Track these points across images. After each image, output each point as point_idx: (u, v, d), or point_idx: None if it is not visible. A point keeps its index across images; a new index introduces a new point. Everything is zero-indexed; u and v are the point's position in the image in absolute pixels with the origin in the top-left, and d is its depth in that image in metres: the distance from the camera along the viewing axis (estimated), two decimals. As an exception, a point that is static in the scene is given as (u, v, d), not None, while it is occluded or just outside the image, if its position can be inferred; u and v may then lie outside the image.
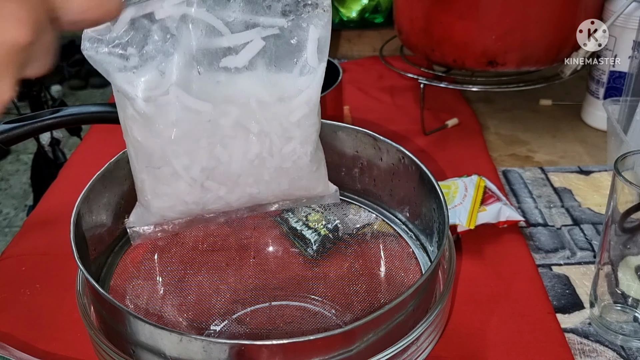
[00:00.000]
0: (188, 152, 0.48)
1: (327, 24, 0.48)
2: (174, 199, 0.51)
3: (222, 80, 0.47)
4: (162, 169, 0.49)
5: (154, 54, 0.46)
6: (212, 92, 0.47)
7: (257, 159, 0.50)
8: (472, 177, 0.77)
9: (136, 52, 0.45)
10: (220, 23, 0.46)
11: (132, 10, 0.44)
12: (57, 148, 1.43)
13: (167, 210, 0.52)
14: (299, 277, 0.65)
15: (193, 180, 0.49)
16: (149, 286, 0.59)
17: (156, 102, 0.46)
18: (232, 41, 0.47)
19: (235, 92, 0.48)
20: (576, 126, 1.01)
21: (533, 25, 0.88)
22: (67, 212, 0.49)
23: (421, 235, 0.59)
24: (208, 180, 0.50)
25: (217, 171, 0.49)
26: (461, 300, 0.65)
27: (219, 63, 0.47)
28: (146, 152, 0.49)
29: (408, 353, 0.45)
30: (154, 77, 0.46)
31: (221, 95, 0.47)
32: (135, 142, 0.48)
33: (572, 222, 0.77)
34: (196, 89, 0.47)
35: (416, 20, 0.95)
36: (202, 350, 0.40)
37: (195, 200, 0.51)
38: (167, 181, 0.49)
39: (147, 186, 0.50)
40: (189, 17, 0.45)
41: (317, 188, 0.55)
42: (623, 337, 0.60)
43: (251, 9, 0.47)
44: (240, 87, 0.48)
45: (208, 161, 0.49)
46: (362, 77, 1.20)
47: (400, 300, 0.42)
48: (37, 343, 0.61)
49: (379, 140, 0.59)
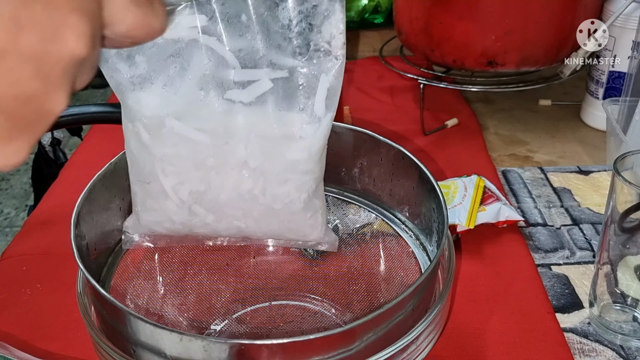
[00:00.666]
0: (178, 172, 0.48)
1: (339, 74, 0.46)
2: (161, 215, 0.51)
3: (225, 110, 0.46)
4: (152, 184, 0.49)
5: (161, 70, 0.45)
6: (213, 120, 0.46)
7: (248, 194, 0.49)
8: (471, 177, 0.77)
9: (145, 62, 0.45)
10: (231, 55, 0.45)
11: None
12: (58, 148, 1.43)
13: (154, 225, 0.52)
14: (299, 277, 0.65)
15: (181, 202, 0.49)
16: (150, 286, 0.59)
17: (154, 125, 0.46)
18: (240, 76, 0.45)
19: (236, 125, 0.46)
20: (575, 126, 1.01)
21: (532, 26, 0.88)
22: (68, 212, 0.49)
23: (421, 235, 0.59)
24: (195, 204, 0.49)
25: (206, 197, 0.49)
26: (461, 299, 0.65)
27: (224, 94, 0.46)
28: (138, 166, 0.49)
29: (407, 352, 0.46)
30: (157, 99, 0.45)
31: (222, 126, 0.46)
32: (130, 154, 0.49)
33: (572, 222, 0.78)
34: (197, 114, 0.46)
35: (416, 20, 0.96)
36: (202, 350, 0.40)
37: (182, 221, 0.51)
38: (156, 197, 0.50)
39: (139, 198, 0.51)
40: (199, 43, 0.44)
41: (310, 235, 0.54)
42: (622, 336, 0.60)
43: (263, 45, 0.45)
44: (243, 120, 0.46)
45: (198, 185, 0.48)
46: (362, 78, 1.20)
47: (400, 300, 0.42)
48: (38, 342, 0.61)
49: (379, 141, 0.59)
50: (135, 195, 0.51)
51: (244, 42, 0.45)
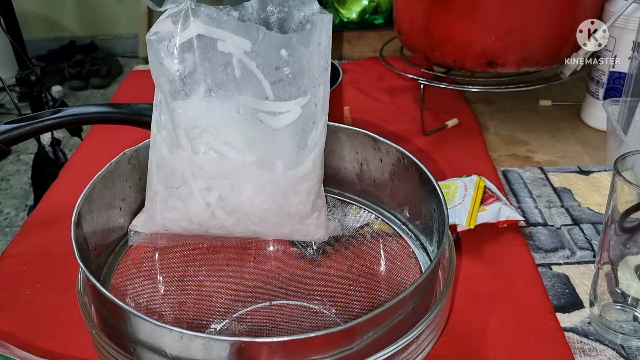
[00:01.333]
0: (207, 178, 0.51)
1: None
2: (182, 214, 0.53)
3: (257, 131, 0.50)
4: (180, 188, 0.52)
5: (211, 75, 0.49)
6: (244, 138, 0.50)
7: (268, 205, 0.53)
8: (471, 177, 0.77)
9: (190, 67, 0.48)
10: (267, 84, 0.49)
11: (201, 27, 0.47)
12: (58, 148, 1.43)
13: (170, 223, 0.54)
14: (299, 277, 0.65)
15: (206, 205, 0.52)
16: (150, 285, 0.59)
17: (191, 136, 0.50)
18: (273, 108, 0.50)
19: (264, 145, 0.51)
20: (576, 126, 1.01)
21: (533, 26, 0.88)
22: (68, 212, 0.49)
23: (421, 235, 0.59)
24: (219, 209, 0.52)
25: (229, 203, 0.52)
26: (461, 299, 0.65)
27: (257, 114, 0.50)
28: (168, 168, 0.51)
29: (408, 352, 0.46)
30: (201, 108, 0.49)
31: (252, 144, 0.51)
32: (160, 157, 0.52)
33: (572, 221, 0.78)
34: (231, 129, 0.50)
35: (416, 21, 0.96)
36: (202, 348, 0.40)
37: (200, 222, 0.54)
38: (182, 198, 0.52)
39: (160, 197, 0.53)
40: (244, 64, 0.48)
41: (316, 235, 0.58)
42: (623, 336, 0.60)
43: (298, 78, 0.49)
44: (270, 141, 0.50)
45: (224, 191, 0.52)
46: (362, 78, 1.20)
47: (400, 299, 0.42)
48: (38, 342, 0.61)
49: (379, 141, 0.59)
50: (156, 195, 0.53)
51: (279, 75, 0.49)
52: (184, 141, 0.50)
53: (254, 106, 0.50)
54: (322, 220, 0.58)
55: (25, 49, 1.41)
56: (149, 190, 0.54)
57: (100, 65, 3.18)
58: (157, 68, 0.49)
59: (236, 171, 0.51)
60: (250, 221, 0.54)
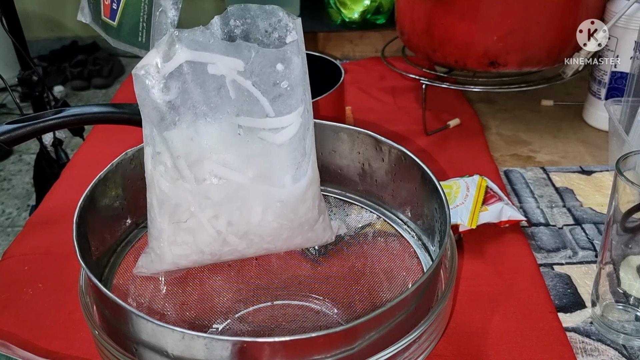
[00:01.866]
0: (213, 205, 0.50)
1: None
2: (192, 248, 0.52)
3: (259, 149, 0.49)
4: (188, 221, 0.50)
5: (204, 102, 0.48)
6: (246, 158, 0.49)
7: (279, 221, 0.52)
8: (473, 177, 0.77)
9: (181, 95, 0.47)
10: (266, 101, 0.48)
11: (188, 53, 0.46)
12: (60, 148, 1.43)
13: (181, 259, 0.53)
14: (301, 277, 0.65)
15: (217, 233, 0.51)
16: (152, 285, 0.59)
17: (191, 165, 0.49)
18: (275, 124, 0.49)
19: (268, 164, 0.50)
20: (578, 126, 1.01)
21: (534, 26, 0.88)
22: (70, 212, 0.49)
23: (423, 235, 0.59)
24: (230, 235, 0.51)
25: (240, 226, 0.51)
26: (463, 299, 0.65)
27: (258, 133, 0.49)
28: (171, 204, 0.50)
29: (410, 351, 0.46)
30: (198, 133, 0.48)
31: (255, 163, 0.50)
32: (161, 194, 0.50)
33: (574, 221, 0.77)
34: (231, 150, 0.49)
35: (418, 21, 0.96)
36: (204, 348, 0.40)
37: (213, 251, 0.52)
38: (191, 231, 0.51)
39: (166, 234, 0.51)
40: (238, 84, 0.47)
41: (324, 237, 0.58)
42: (625, 336, 0.60)
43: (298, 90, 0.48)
44: (277, 158, 0.50)
45: (233, 215, 0.50)
46: (364, 78, 1.20)
47: (402, 299, 0.42)
48: (40, 342, 0.61)
49: (381, 141, 0.59)
50: (162, 233, 0.51)
51: (278, 90, 0.48)
52: (187, 172, 0.49)
53: (254, 125, 0.49)
54: (327, 222, 0.57)
55: (27, 49, 1.41)
56: (152, 230, 0.52)
57: (102, 65, 3.18)
58: (147, 101, 0.47)
59: (242, 193, 0.50)
60: (263, 240, 0.53)
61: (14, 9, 1.36)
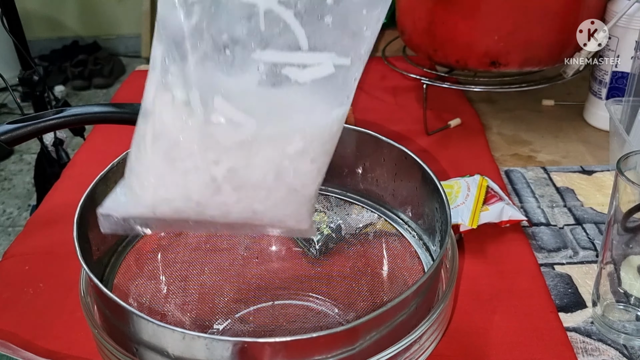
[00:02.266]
0: (218, 149, 0.44)
1: None
2: (180, 192, 0.45)
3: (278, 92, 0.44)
4: (185, 160, 0.44)
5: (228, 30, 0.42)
6: (263, 104, 0.44)
7: (281, 176, 0.46)
8: (474, 176, 0.77)
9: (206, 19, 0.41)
10: (303, 33, 0.42)
11: None
12: (61, 148, 1.43)
13: (163, 203, 0.46)
14: (301, 277, 0.65)
15: (212, 180, 0.45)
16: (152, 285, 0.59)
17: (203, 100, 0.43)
18: (306, 59, 0.43)
19: (285, 112, 0.45)
20: (578, 126, 1.01)
21: (535, 26, 0.88)
22: (71, 212, 0.49)
23: (424, 235, 0.59)
24: (226, 183, 0.45)
25: (238, 176, 0.45)
26: (464, 299, 0.65)
27: (283, 70, 0.43)
28: (170, 138, 0.44)
29: (411, 351, 0.45)
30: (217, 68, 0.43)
31: (270, 111, 0.44)
32: (161, 126, 0.44)
33: (575, 221, 0.77)
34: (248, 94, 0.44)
35: (419, 20, 0.95)
36: (205, 348, 0.40)
37: (200, 200, 0.46)
38: (185, 173, 0.45)
39: (155, 172, 0.45)
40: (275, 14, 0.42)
41: (304, 225, 0.51)
42: (625, 335, 0.60)
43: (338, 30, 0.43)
44: (294, 102, 0.44)
45: (235, 164, 0.45)
46: (365, 78, 1.19)
47: (403, 299, 0.42)
48: (41, 342, 0.61)
49: (382, 141, 0.59)
50: (150, 170, 0.45)
51: (320, 24, 0.42)
52: (198, 106, 0.43)
53: (281, 60, 0.43)
54: (312, 211, 0.52)
55: (27, 48, 1.42)
56: (136, 166, 0.46)
57: (103, 65, 3.19)
58: (169, 21, 0.42)
59: (251, 145, 0.44)
60: (256, 197, 0.46)
61: (15, 8, 1.36)
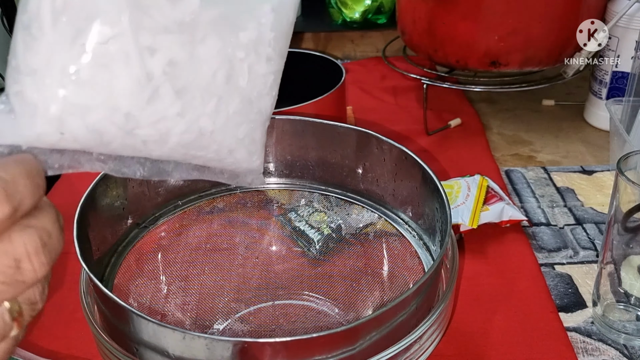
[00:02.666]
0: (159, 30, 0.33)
1: None
2: (102, 95, 0.32)
3: None
4: (110, 41, 0.31)
5: None
6: None
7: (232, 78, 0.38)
8: (474, 176, 0.77)
9: None
10: None
11: None
12: (61, 149, 1.43)
13: (75, 114, 0.32)
14: (302, 277, 0.65)
15: (148, 76, 0.33)
16: (153, 285, 0.59)
17: None
18: None
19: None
20: (579, 126, 1.01)
21: (536, 26, 0.88)
22: (71, 212, 0.49)
23: (424, 235, 0.59)
24: (167, 83, 0.34)
25: (181, 74, 0.34)
26: (464, 299, 0.65)
27: None
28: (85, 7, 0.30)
29: (411, 351, 0.45)
30: None
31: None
32: None
33: (575, 221, 0.77)
34: None
35: (419, 20, 0.96)
36: (205, 348, 0.40)
37: (130, 110, 0.33)
38: (109, 63, 0.31)
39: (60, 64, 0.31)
40: None
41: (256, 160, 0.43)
42: (626, 335, 0.60)
43: None
44: None
45: (177, 54, 0.34)
46: (365, 78, 1.20)
47: (403, 299, 0.42)
48: (41, 342, 0.61)
49: (382, 141, 0.59)
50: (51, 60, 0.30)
51: None
52: None
53: None
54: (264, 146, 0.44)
55: (28, 49, 1.41)
56: (28, 57, 0.31)
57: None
58: None
59: (194, 21, 0.34)
60: (204, 107, 0.36)
61: (15, 8, 1.36)
